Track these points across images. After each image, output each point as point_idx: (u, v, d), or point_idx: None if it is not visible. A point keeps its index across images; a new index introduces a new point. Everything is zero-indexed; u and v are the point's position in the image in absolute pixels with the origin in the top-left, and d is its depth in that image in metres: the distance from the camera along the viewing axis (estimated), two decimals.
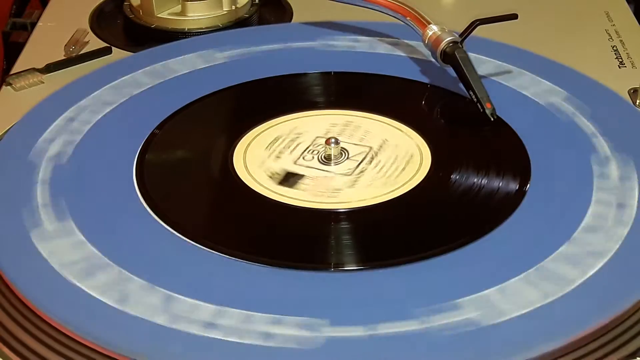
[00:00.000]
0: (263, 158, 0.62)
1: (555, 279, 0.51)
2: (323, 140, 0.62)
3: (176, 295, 0.50)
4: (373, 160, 0.61)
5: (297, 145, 0.63)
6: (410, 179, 0.60)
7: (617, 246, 0.53)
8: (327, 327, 0.48)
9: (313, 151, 0.62)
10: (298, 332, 0.48)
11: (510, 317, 0.49)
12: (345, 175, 0.60)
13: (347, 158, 0.62)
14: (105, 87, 0.69)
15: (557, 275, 0.51)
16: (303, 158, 0.62)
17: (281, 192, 0.58)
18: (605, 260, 0.53)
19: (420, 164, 0.61)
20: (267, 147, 0.63)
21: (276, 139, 0.64)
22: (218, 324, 0.48)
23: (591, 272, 0.52)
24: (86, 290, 0.51)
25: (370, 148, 0.63)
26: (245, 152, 0.62)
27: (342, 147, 0.62)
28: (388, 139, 0.64)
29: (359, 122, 0.65)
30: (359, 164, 0.61)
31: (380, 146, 0.63)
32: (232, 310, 0.49)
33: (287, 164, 0.61)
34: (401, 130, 0.64)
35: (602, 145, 0.62)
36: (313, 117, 0.66)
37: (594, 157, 0.61)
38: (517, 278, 0.51)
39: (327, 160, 0.61)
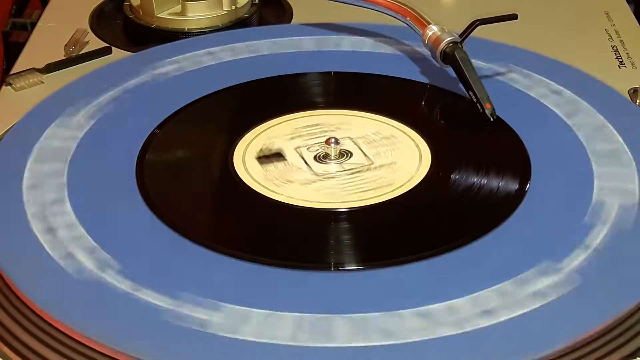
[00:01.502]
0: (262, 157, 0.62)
1: (558, 279, 0.51)
2: (323, 140, 0.62)
3: (178, 294, 0.50)
4: (373, 160, 0.61)
5: (297, 145, 0.63)
6: (410, 179, 0.60)
7: (620, 245, 0.54)
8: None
9: (312, 151, 0.62)
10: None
11: (513, 317, 0.49)
12: (345, 174, 0.60)
13: (347, 157, 0.62)
14: (104, 88, 0.69)
15: (559, 275, 0.51)
16: (302, 157, 0.62)
17: (281, 192, 0.58)
18: (608, 259, 0.53)
19: (420, 164, 0.61)
20: (267, 146, 0.63)
21: (276, 139, 0.64)
22: (218, 323, 0.48)
23: (594, 272, 0.52)
24: (90, 290, 0.51)
25: (370, 148, 0.63)
26: (245, 152, 0.62)
27: (341, 147, 0.62)
28: (388, 139, 0.64)
29: (359, 122, 0.65)
30: (359, 163, 0.61)
31: (380, 146, 0.63)
32: (232, 307, 0.49)
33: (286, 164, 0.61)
34: (401, 130, 0.64)
35: (603, 144, 0.62)
36: (313, 117, 0.66)
37: (594, 156, 0.61)
38: (517, 277, 0.51)
39: (326, 159, 0.61)
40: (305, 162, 0.61)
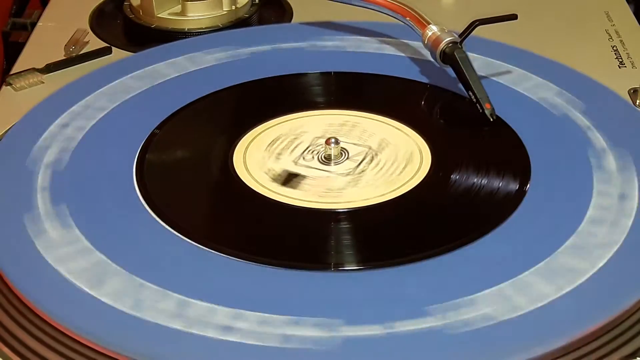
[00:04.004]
0: (263, 158, 0.62)
1: (557, 279, 0.51)
2: (323, 140, 0.62)
3: (181, 296, 0.50)
4: (373, 160, 0.61)
5: (297, 145, 0.63)
6: (410, 179, 0.60)
7: (623, 237, 0.54)
8: (343, 327, 0.48)
9: (313, 151, 0.62)
10: (315, 333, 0.48)
11: (511, 318, 0.49)
12: (346, 175, 0.60)
13: (347, 158, 0.62)
14: (104, 88, 0.69)
15: (558, 275, 0.51)
16: (303, 158, 0.62)
17: (281, 192, 0.58)
18: (613, 251, 0.53)
19: (420, 164, 0.61)
20: (267, 148, 0.63)
21: (276, 139, 0.64)
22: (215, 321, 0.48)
23: (600, 264, 0.52)
24: (96, 296, 0.50)
25: (370, 148, 0.63)
26: (245, 152, 0.62)
27: (342, 147, 0.62)
28: (388, 139, 0.64)
29: (359, 122, 0.65)
30: (359, 164, 0.61)
31: (380, 146, 0.63)
32: (224, 309, 0.49)
33: (287, 164, 0.61)
34: (401, 130, 0.64)
35: (599, 139, 0.62)
36: (313, 117, 0.66)
37: (591, 151, 0.61)
38: (516, 278, 0.51)
39: (327, 160, 0.61)
40: (304, 163, 0.61)
